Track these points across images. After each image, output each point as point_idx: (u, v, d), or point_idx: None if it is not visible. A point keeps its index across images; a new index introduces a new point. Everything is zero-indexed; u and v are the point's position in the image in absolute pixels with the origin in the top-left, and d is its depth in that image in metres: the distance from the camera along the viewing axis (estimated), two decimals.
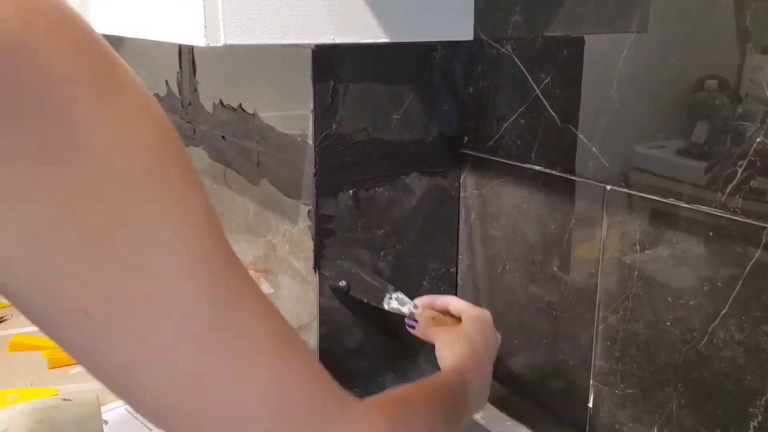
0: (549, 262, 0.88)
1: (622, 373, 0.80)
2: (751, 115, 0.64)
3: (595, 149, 0.79)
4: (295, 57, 0.88)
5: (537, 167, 0.87)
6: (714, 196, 0.68)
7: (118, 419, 0.93)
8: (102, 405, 0.93)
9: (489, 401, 1.00)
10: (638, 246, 0.76)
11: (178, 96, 1.23)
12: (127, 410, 0.95)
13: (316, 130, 0.87)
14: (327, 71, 0.86)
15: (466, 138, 0.97)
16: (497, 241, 0.94)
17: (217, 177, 1.14)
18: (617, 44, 0.75)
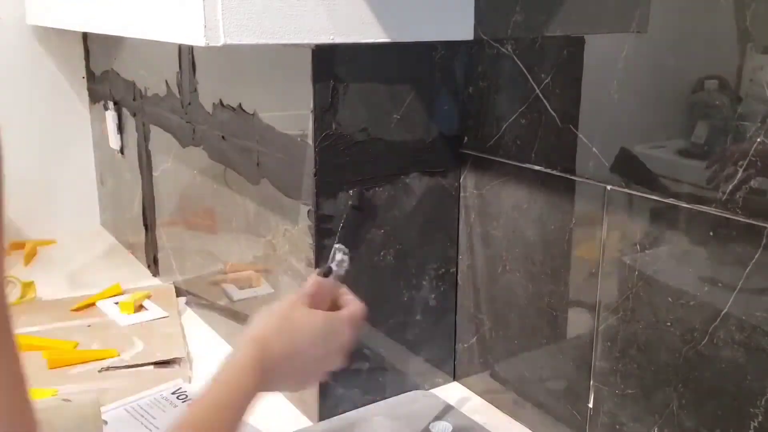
0: (549, 262, 0.88)
1: (622, 373, 0.80)
2: (751, 115, 0.64)
3: (595, 149, 0.79)
4: (295, 57, 0.88)
5: (537, 167, 0.87)
6: (714, 196, 0.68)
7: (118, 419, 0.93)
8: (102, 405, 0.93)
9: (489, 401, 1.00)
10: (638, 246, 0.76)
11: (178, 96, 1.23)
12: (126, 410, 0.95)
13: (316, 130, 0.87)
14: (327, 71, 0.86)
15: (466, 138, 0.97)
16: (497, 241, 0.94)
17: (217, 177, 1.14)
18: (617, 44, 0.75)
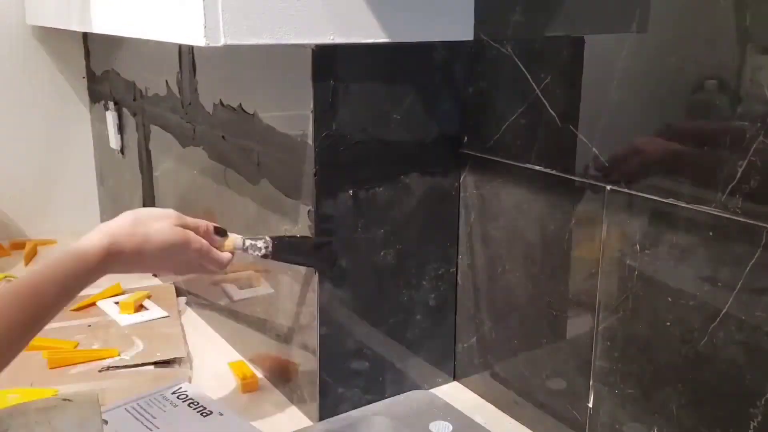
0: (549, 262, 0.88)
1: (622, 373, 0.80)
2: (751, 115, 0.64)
3: (595, 149, 0.79)
4: (295, 57, 0.88)
5: (537, 167, 0.87)
6: (714, 196, 0.68)
7: (118, 419, 0.93)
8: (102, 405, 0.93)
9: (489, 401, 1.00)
10: (638, 246, 0.76)
11: (178, 96, 1.23)
12: (126, 410, 0.95)
13: (316, 130, 0.87)
14: (327, 71, 0.86)
15: (466, 138, 0.97)
16: (497, 241, 0.94)
17: (217, 177, 1.14)
18: (617, 44, 0.75)
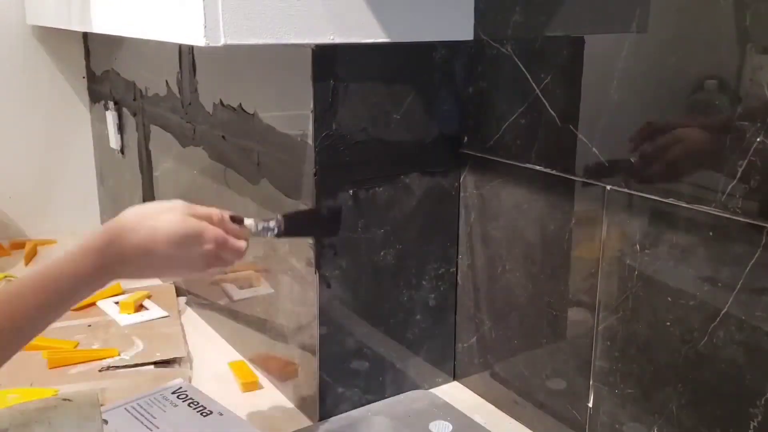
0: (549, 262, 0.88)
1: (622, 373, 0.80)
2: (751, 115, 0.64)
3: (595, 149, 0.79)
4: (295, 57, 0.88)
5: (537, 167, 0.87)
6: (714, 196, 0.68)
7: (118, 419, 0.93)
8: (102, 405, 0.93)
9: (489, 401, 1.00)
10: (638, 246, 0.76)
11: (178, 96, 1.23)
12: (126, 410, 0.95)
13: (316, 130, 0.87)
14: (327, 71, 0.86)
15: (466, 138, 0.97)
16: (497, 241, 0.94)
17: (217, 177, 1.14)
18: (617, 44, 0.75)
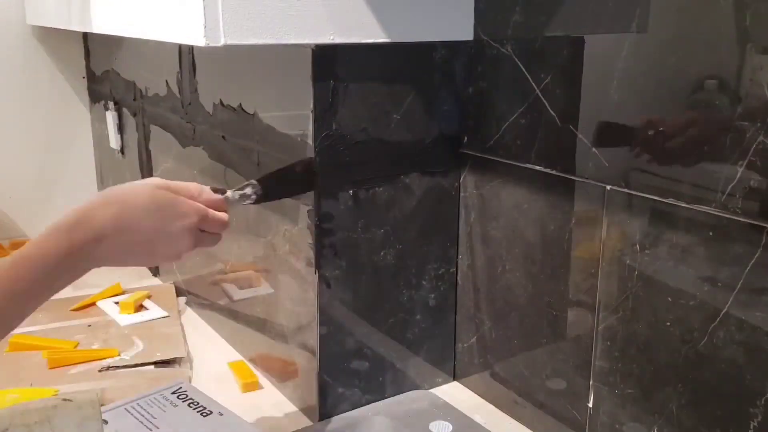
0: (549, 262, 0.88)
1: (622, 373, 0.80)
2: (751, 115, 0.64)
3: (595, 149, 0.79)
4: (295, 57, 0.88)
5: (537, 167, 0.87)
6: (714, 196, 0.68)
7: (118, 419, 0.93)
8: (102, 405, 0.93)
9: (489, 401, 1.00)
10: (638, 246, 0.76)
11: (178, 96, 1.23)
12: (126, 410, 0.95)
13: (316, 130, 0.87)
14: (327, 71, 0.86)
15: (466, 138, 0.97)
16: (497, 241, 0.94)
17: (217, 177, 1.14)
18: (617, 44, 0.75)
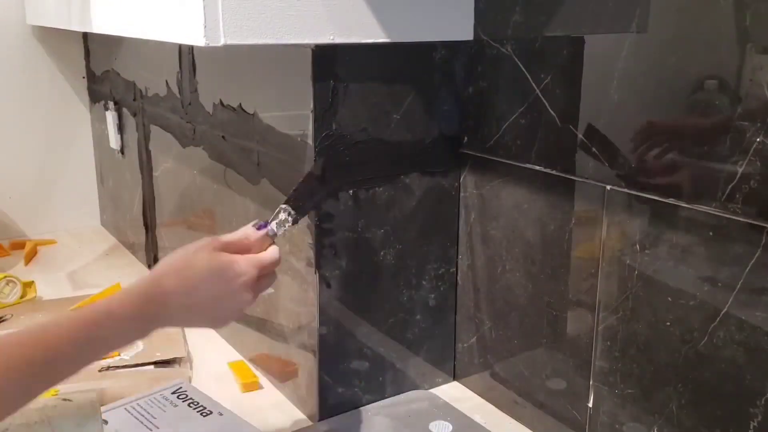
0: (549, 262, 0.88)
1: (622, 373, 0.80)
2: (751, 115, 0.64)
3: (595, 149, 0.79)
4: (295, 57, 0.88)
5: (537, 167, 0.87)
6: (714, 196, 0.68)
7: (118, 419, 0.93)
8: (102, 405, 0.93)
9: (489, 401, 1.00)
10: (638, 246, 0.76)
11: (178, 96, 1.23)
12: (126, 410, 0.95)
13: (316, 130, 0.87)
14: (327, 71, 0.86)
15: (466, 138, 0.97)
16: (497, 241, 0.94)
17: (217, 177, 1.14)
18: (617, 44, 0.75)
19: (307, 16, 0.80)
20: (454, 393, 1.03)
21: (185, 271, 0.70)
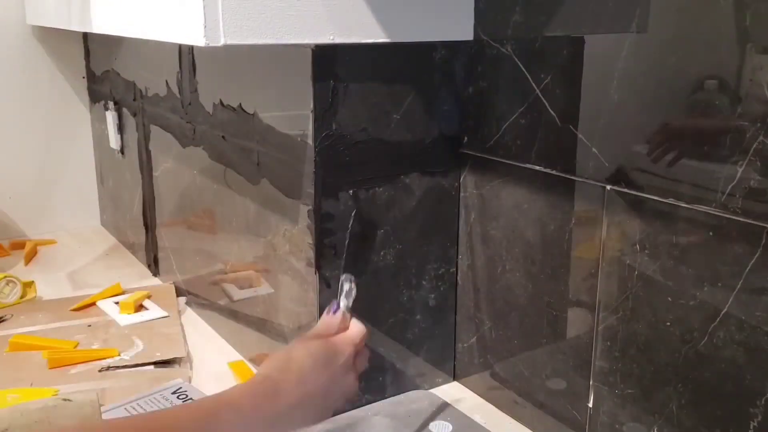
0: (549, 262, 0.88)
1: (622, 373, 0.80)
2: (751, 115, 0.64)
3: (595, 149, 0.79)
4: (295, 57, 0.88)
5: (537, 167, 0.87)
6: (714, 196, 0.68)
7: None
8: (102, 405, 0.93)
9: (489, 401, 1.00)
10: (638, 246, 0.76)
11: (178, 96, 1.23)
12: (126, 410, 0.95)
13: (316, 130, 0.87)
14: (327, 71, 0.86)
15: (466, 138, 0.97)
16: (497, 241, 0.94)
17: (217, 177, 1.14)
18: (617, 44, 0.75)
19: (307, 16, 0.80)
20: (454, 393, 1.03)
21: (289, 364, 0.69)
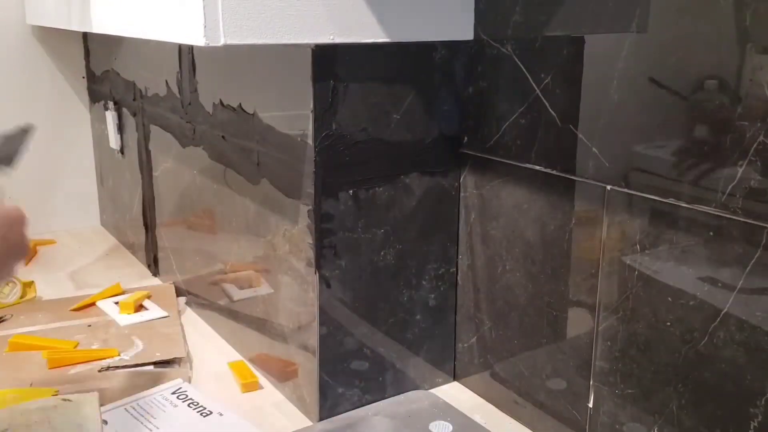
0: (549, 262, 0.88)
1: (622, 373, 0.80)
2: (751, 115, 0.64)
3: (595, 149, 0.79)
4: (295, 57, 0.88)
5: (537, 167, 0.87)
6: (714, 196, 0.68)
7: (118, 419, 0.93)
8: (102, 405, 0.93)
9: (489, 401, 1.00)
10: (638, 246, 0.76)
11: (178, 96, 1.23)
12: (126, 410, 0.95)
13: (316, 130, 0.87)
14: (327, 71, 0.86)
15: (466, 138, 0.97)
16: (497, 241, 0.94)
17: (217, 177, 1.14)
18: (617, 44, 0.75)
19: (307, 15, 0.80)
20: (454, 393, 1.03)
21: None
